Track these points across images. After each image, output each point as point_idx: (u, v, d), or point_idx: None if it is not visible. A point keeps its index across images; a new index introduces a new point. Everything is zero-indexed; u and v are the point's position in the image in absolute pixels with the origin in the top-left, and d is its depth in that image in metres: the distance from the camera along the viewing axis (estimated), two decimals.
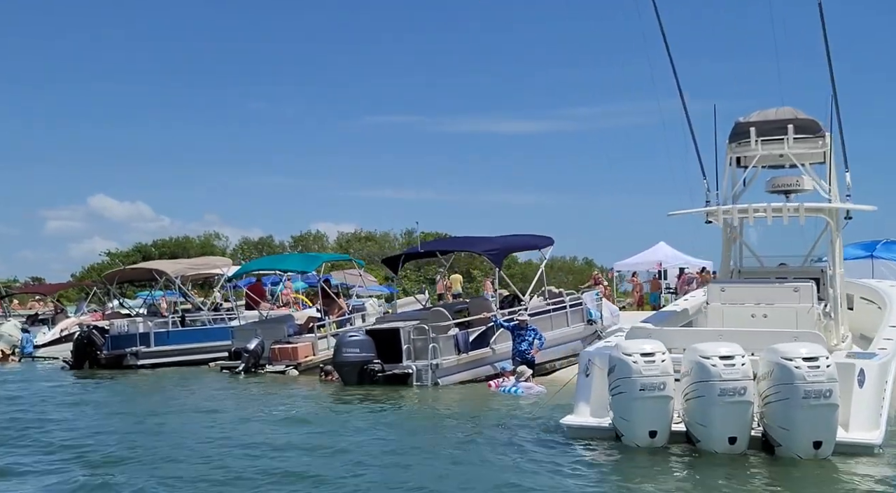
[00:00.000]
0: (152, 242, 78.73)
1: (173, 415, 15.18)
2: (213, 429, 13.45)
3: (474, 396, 17.53)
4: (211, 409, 16.03)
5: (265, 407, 16.23)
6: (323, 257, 23.59)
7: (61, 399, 18.27)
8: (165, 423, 14.18)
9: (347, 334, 19.15)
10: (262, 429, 13.52)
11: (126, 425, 14.01)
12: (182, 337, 25.88)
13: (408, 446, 11.78)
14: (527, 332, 18.91)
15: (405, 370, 18.76)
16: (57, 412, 15.98)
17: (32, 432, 13.53)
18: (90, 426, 13.93)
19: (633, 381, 9.79)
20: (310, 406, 16.46)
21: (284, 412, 15.44)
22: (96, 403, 17.70)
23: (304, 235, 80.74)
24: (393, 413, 15.69)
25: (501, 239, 20.81)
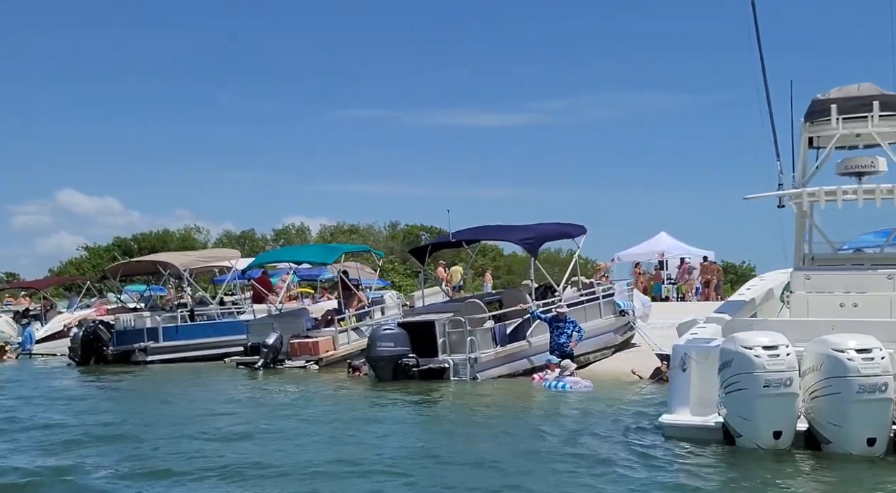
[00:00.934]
0: (132, 237, 77.14)
1: (206, 417, 13.93)
2: (259, 430, 12.45)
3: (518, 391, 16.68)
4: (245, 408, 15.06)
5: (301, 404, 15.26)
6: (343, 248, 22.62)
7: (79, 398, 17.13)
8: (200, 424, 13.03)
9: (381, 327, 18.18)
10: (302, 427, 12.56)
11: (162, 428, 12.72)
12: (192, 332, 24.80)
13: (474, 447, 10.97)
14: (565, 324, 18.08)
15: (441, 365, 17.86)
16: (79, 411, 14.81)
17: (59, 432, 12.49)
18: (125, 431, 12.65)
19: (755, 377, 8.96)
20: (350, 404, 15.50)
21: (324, 411, 14.46)
22: (119, 403, 16.65)
23: (285, 229, 79.65)
24: (442, 410, 14.84)
25: (535, 227, 19.90)
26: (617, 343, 20.52)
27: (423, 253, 20.84)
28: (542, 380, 17.22)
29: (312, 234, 76.95)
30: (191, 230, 79.95)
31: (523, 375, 18.32)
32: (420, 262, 20.99)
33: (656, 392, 15.40)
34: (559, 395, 15.85)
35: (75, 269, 69.58)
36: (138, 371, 22.58)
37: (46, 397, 17.22)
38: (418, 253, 20.85)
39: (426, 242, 20.67)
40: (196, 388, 19.01)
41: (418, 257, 20.90)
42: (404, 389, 16.95)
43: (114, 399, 17.47)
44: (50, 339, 32.02)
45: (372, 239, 71.03)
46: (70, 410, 15.06)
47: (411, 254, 20.94)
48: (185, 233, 78.53)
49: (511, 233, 19.75)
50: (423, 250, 20.79)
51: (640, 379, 16.81)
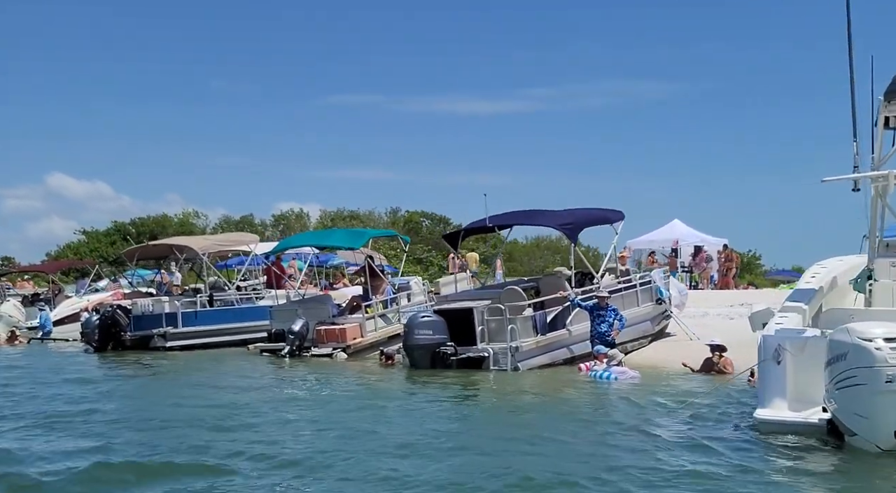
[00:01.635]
0: (130, 221, 76.14)
1: (242, 407, 13.10)
2: (304, 420, 11.74)
3: (563, 381, 15.97)
4: (280, 398, 14.32)
5: (338, 395, 14.56)
6: (370, 233, 21.83)
7: (107, 387, 16.37)
8: (238, 414, 12.27)
9: (419, 314, 17.45)
10: (343, 418, 11.84)
11: (201, 419, 11.83)
12: (212, 318, 24.00)
13: (531, 439, 10.16)
14: (607, 312, 17.39)
15: (480, 354, 17.15)
16: (108, 401, 14.03)
17: (93, 421, 11.81)
18: (165, 422, 11.78)
19: (876, 371, 8.25)
20: (389, 394, 14.75)
21: (365, 401, 13.73)
22: (150, 394, 15.81)
23: (284, 215, 78.75)
24: (490, 402, 14.10)
25: (574, 212, 19.16)
26: (653, 333, 19.84)
27: (455, 238, 20.09)
28: (588, 370, 16.54)
29: (312, 220, 76.11)
30: (189, 215, 78.79)
31: (563, 364, 17.66)
32: (453, 247, 20.23)
33: (705, 384, 14.77)
34: (609, 386, 15.14)
35: (73, 253, 68.59)
36: (159, 358, 21.75)
37: (70, 383, 16.45)
38: (451, 238, 20.10)
39: (458, 229, 19.85)
40: (223, 376, 18.21)
41: (451, 242, 20.15)
42: (442, 378, 16.27)
43: (144, 389, 16.68)
44: (59, 324, 31.23)
45: (372, 225, 70.26)
46: (102, 398, 14.33)
47: (445, 239, 20.21)
48: (183, 218, 77.38)
49: (550, 218, 19.00)
50: (455, 235, 20.04)
51: (693, 371, 16.11)
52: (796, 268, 52.61)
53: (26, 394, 14.73)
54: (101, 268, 36.03)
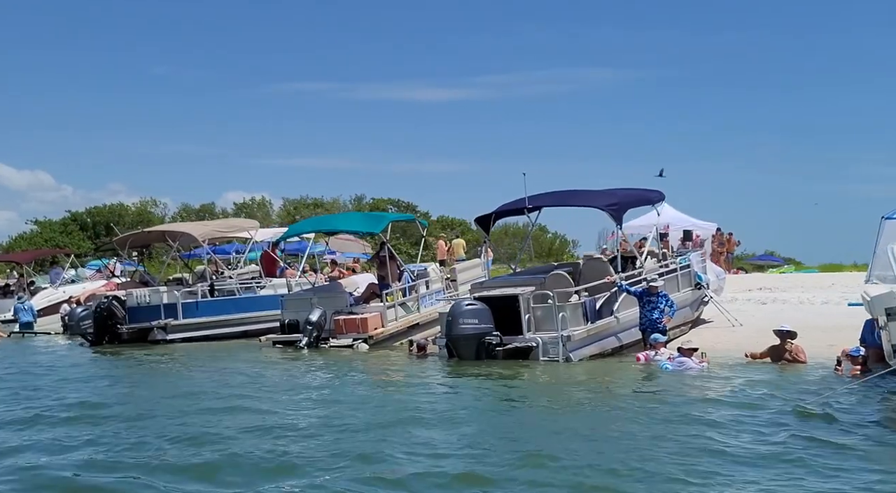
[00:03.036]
0: (85, 210, 73.19)
1: (278, 405, 11.78)
2: (347, 421, 10.27)
3: (623, 372, 14.75)
4: (312, 396, 12.85)
5: (382, 393, 13.08)
6: (389, 217, 20.39)
7: (118, 384, 14.83)
8: (278, 414, 10.91)
9: (463, 302, 16.05)
10: (399, 419, 10.40)
11: (236, 422, 10.33)
12: (214, 308, 22.37)
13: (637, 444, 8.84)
14: (658, 298, 16.24)
15: (528, 344, 15.85)
16: (133, 405, 12.40)
17: (105, 422, 10.42)
18: (189, 423, 10.37)
19: None
20: (438, 389, 13.30)
21: (417, 400, 12.13)
22: (169, 391, 13.96)
23: (247, 203, 76.51)
24: (548, 395, 12.61)
25: (617, 193, 17.91)
26: (692, 319, 18.78)
27: (487, 221, 18.73)
28: (647, 360, 15.36)
29: (275, 208, 74.15)
30: (147, 204, 76.08)
31: (611, 354, 16.48)
32: (485, 231, 18.86)
33: (779, 373, 13.69)
34: (682, 377, 13.85)
35: (28, 243, 65.68)
36: (164, 352, 20.09)
37: (78, 382, 14.81)
38: (483, 221, 18.73)
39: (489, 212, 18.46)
40: (243, 373, 16.55)
41: (483, 225, 18.78)
42: (490, 370, 14.92)
43: (163, 389, 14.86)
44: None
45: (338, 212, 68.50)
46: (124, 399, 12.71)
47: (477, 223, 18.88)
48: (140, 207, 74.75)
49: (593, 198, 17.71)
50: (487, 218, 18.69)
51: (753, 359, 14.97)
52: (770, 252, 52.29)
53: (31, 395, 13.02)
54: (75, 258, 33.88)
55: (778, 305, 20.58)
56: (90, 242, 65.02)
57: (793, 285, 23.60)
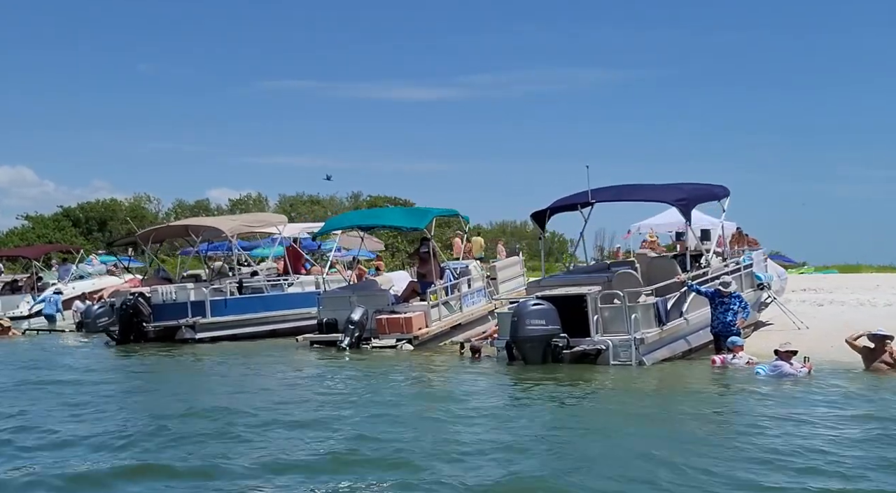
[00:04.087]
0: (77, 206, 71.52)
1: (343, 412, 10.75)
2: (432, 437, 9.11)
3: (705, 377, 13.65)
4: (371, 400, 11.76)
5: (464, 401, 11.83)
6: (433, 212, 19.24)
7: (163, 388, 13.61)
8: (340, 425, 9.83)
9: (528, 302, 14.91)
10: (478, 436, 9.24)
11: (303, 431, 9.43)
12: (243, 306, 21.12)
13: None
14: (730, 299, 15.17)
15: (598, 347, 14.76)
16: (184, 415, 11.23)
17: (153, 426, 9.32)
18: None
19: None
20: (509, 397, 12.16)
21: (496, 412, 10.95)
22: (229, 401, 12.75)
23: (242, 199, 75.22)
24: (634, 405, 11.49)
25: (684, 187, 16.82)
26: (754, 322, 17.75)
27: (543, 217, 17.60)
28: (723, 364, 14.30)
29: (270, 204, 72.76)
30: (140, 199, 74.70)
31: (681, 358, 15.42)
32: (541, 227, 17.72)
33: (881, 381, 12.65)
34: (780, 383, 12.72)
35: (20, 239, 63.99)
36: (195, 352, 18.84)
37: (116, 384, 13.64)
38: (538, 217, 17.61)
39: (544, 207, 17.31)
40: (286, 376, 15.39)
41: (538, 221, 17.66)
42: (559, 375, 13.81)
43: (208, 396, 13.70)
44: (39, 314, 27.97)
45: (334, 210, 67.31)
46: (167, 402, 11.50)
47: (532, 218, 17.75)
48: (134, 202, 73.16)
49: (662, 192, 16.64)
50: (542, 213, 17.56)
51: (852, 347, 13.75)
52: (775, 252, 51.47)
53: (90, 409, 11.72)
54: (85, 252, 32.52)
55: (836, 307, 19.62)
56: (83, 238, 63.43)
57: (837, 286, 22.64)
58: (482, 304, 20.15)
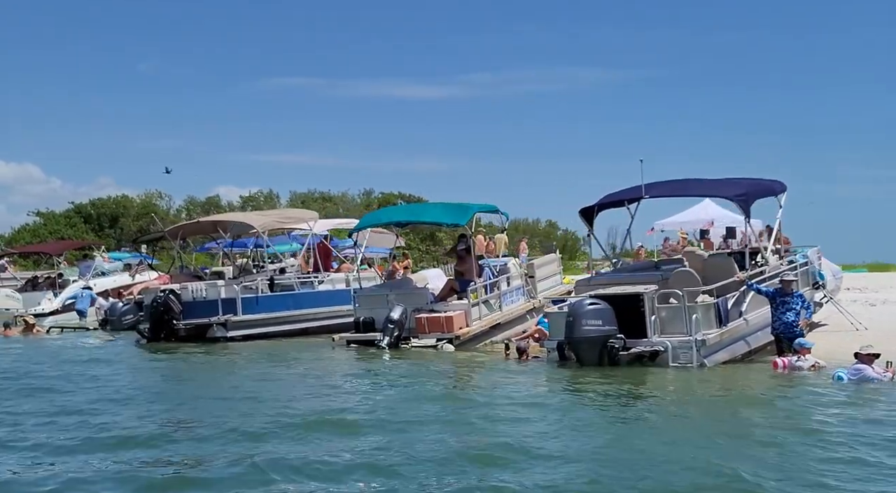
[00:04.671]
0: (89, 201, 70.90)
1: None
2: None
3: (771, 381, 12.95)
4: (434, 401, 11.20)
5: (530, 415, 11.18)
6: (474, 207, 18.55)
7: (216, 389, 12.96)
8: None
9: (584, 302, 14.22)
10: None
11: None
12: (274, 304, 20.45)
13: None
14: (793, 299, 14.48)
15: (656, 348, 14.08)
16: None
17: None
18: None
19: None
20: (573, 402, 11.51)
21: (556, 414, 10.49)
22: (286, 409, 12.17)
23: (253, 195, 74.47)
24: (713, 412, 10.86)
25: (741, 182, 16.07)
26: (809, 322, 17.00)
27: (591, 213, 16.92)
28: (786, 367, 13.63)
29: (282, 201, 72.03)
30: (151, 196, 73.89)
31: (740, 360, 14.73)
32: (588, 224, 17.03)
33: None
34: (860, 390, 11.93)
35: (32, 236, 63.40)
36: (229, 350, 18.22)
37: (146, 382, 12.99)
38: (587, 213, 16.92)
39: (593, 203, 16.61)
40: (332, 377, 14.82)
41: (587, 217, 16.97)
42: (618, 378, 13.13)
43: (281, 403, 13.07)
44: (64, 311, 27.44)
45: (345, 207, 66.67)
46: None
47: (581, 214, 17.04)
48: (146, 199, 72.46)
49: (719, 187, 15.93)
50: (590, 209, 16.87)
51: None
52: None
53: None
54: (104, 250, 31.95)
55: (889, 306, 18.90)
56: (94, 235, 62.83)
57: (881, 286, 21.90)
58: (521, 303, 19.47)
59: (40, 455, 8.28)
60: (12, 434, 9.27)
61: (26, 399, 11.62)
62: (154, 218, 29.49)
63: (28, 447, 8.64)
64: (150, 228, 66.53)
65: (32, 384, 12.96)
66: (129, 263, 33.65)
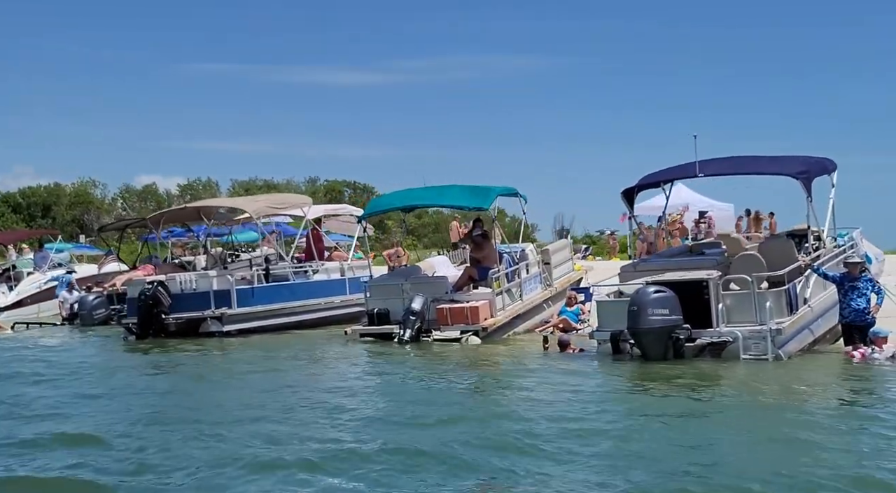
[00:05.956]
0: (18, 191, 67.21)
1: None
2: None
3: (868, 375, 11.84)
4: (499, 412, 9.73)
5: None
6: (496, 190, 17.04)
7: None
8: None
9: (648, 289, 12.87)
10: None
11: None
12: (270, 295, 18.68)
13: None
14: (863, 283, 13.39)
15: (725, 338, 12.84)
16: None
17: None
18: None
19: None
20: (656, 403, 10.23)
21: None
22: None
23: (192, 184, 71.51)
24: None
25: (800, 159, 14.90)
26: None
27: (632, 194, 15.61)
28: (863, 358, 12.58)
29: (222, 190, 69.28)
30: (86, 184, 70.32)
31: (806, 350, 13.60)
32: (630, 205, 15.72)
33: None
34: None
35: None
36: (233, 345, 16.45)
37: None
38: (628, 194, 15.58)
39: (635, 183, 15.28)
40: (358, 373, 13.38)
41: (629, 198, 15.64)
42: (689, 372, 11.98)
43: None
44: (17, 306, 25.15)
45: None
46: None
47: (623, 195, 15.67)
48: (79, 187, 68.96)
49: (780, 165, 14.65)
50: (631, 190, 15.56)
51: None
52: None
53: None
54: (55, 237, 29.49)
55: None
56: (25, 225, 59.44)
57: None
58: (538, 291, 18.12)
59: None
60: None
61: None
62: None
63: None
64: (85, 217, 63.37)
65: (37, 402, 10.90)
66: (75, 254, 31.36)
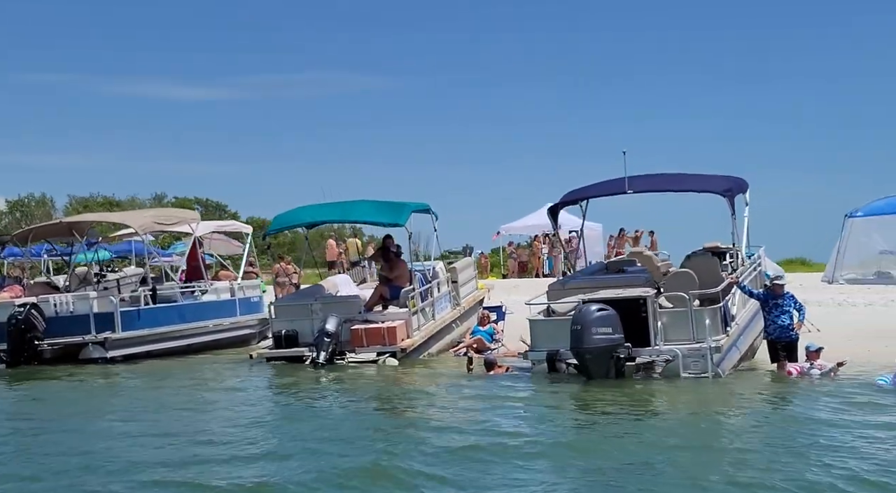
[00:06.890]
0: None
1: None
2: None
3: (812, 390, 11.80)
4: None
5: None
6: (410, 206, 16.15)
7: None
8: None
9: (590, 307, 12.42)
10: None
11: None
12: (157, 318, 17.13)
13: None
14: (785, 301, 13.51)
15: (665, 357, 12.61)
16: None
17: None
18: None
19: None
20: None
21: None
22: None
23: (22, 199, 66.67)
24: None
25: (726, 177, 14.85)
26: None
27: (558, 211, 15.18)
28: (800, 373, 12.66)
29: (58, 206, 64.92)
30: None
31: (736, 367, 13.57)
32: (555, 222, 15.22)
33: None
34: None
35: None
36: (117, 374, 14.93)
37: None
38: (555, 211, 15.09)
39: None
40: (281, 402, 12.36)
41: (555, 216, 15.18)
42: (633, 391, 11.71)
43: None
44: None
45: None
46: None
47: (549, 213, 14.88)
48: None
49: (707, 182, 14.59)
50: (556, 207, 15.13)
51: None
52: None
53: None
54: None
55: (825, 308, 18.52)
56: None
57: (813, 286, 20.89)
58: (448, 310, 17.50)
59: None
60: None
61: None
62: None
63: None
64: None
65: None
66: None
